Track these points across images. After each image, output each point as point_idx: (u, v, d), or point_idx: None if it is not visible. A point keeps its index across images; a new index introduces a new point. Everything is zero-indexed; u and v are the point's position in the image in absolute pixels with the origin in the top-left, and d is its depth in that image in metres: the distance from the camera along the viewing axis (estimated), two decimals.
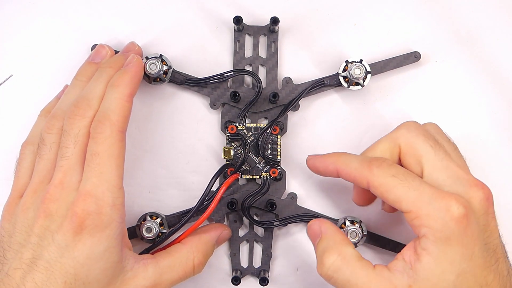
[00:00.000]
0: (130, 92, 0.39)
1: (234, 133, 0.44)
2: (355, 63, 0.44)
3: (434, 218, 0.34)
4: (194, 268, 0.40)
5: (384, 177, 0.36)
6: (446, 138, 0.40)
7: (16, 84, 0.46)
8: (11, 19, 0.46)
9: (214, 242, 0.42)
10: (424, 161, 0.37)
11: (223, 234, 0.43)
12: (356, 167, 0.38)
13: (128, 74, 0.40)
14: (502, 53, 0.46)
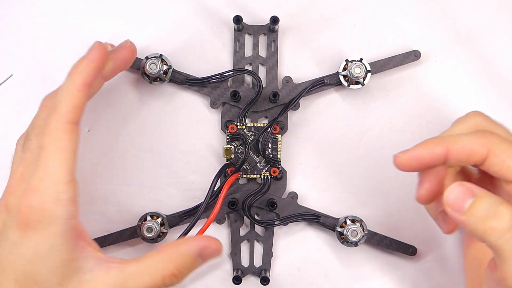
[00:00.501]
0: (83, 80, 0.36)
1: (235, 133, 0.44)
2: (355, 62, 0.44)
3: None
4: (164, 280, 0.34)
5: (505, 143, 0.32)
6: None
7: (16, 84, 0.46)
8: (11, 19, 0.46)
9: (193, 255, 0.35)
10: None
11: (208, 249, 0.36)
12: (470, 138, 0.33)
13: (83, 62, 0.37)
14: (502, 53, 0.46)
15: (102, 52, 0.37)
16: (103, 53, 0.37)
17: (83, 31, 0.46)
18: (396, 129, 0.46)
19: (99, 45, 0.37)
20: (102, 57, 0.37)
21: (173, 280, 0.35)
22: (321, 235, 0.46)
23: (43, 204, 0.33)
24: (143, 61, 0.44)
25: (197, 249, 0.36)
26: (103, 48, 0.37)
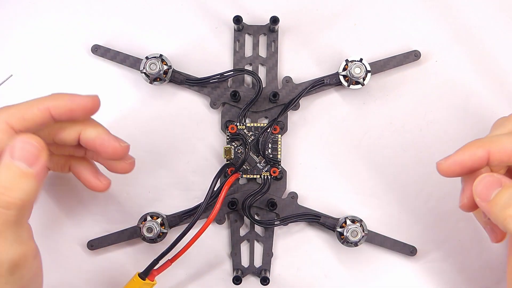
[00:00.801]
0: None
1: (235, 133, 0.44)
2: (355, 62, 0.44)
3: None
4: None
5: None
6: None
7: (16, 84, 0.46)
8: (11, 19, 0.46)
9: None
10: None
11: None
12: (510, 138, 0.33)
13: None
14: (502, 53, 0.46)
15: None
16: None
17: (83, 31, 0.46)
18: (396, 129, 0.46)
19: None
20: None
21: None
22: (321, 235, 0.46)
23: None
24: (143, 61, 0.44)
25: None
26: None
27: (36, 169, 0.33)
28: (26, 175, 0.32)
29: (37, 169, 0.33)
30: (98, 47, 0.45)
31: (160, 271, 0.41)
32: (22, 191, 0.32)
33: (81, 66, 0.46)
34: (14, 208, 0.32)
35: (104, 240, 0.45)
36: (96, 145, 0.38)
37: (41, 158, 0.33)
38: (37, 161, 0.33)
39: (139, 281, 0.41)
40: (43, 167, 0.33)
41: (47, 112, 0.36)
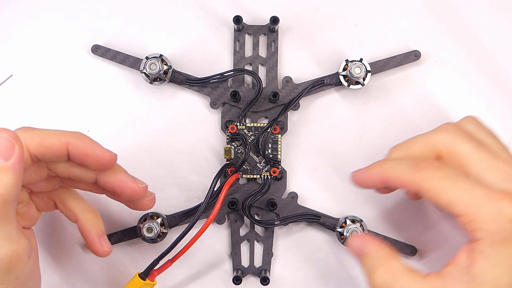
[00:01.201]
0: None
1: (235, 133, 0.44)
2: (355, 62, 0.44)
3: (490, 221, 0.33)
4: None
5: (434, 179, 0.35)
6: (486, 131, 0.39)
7: (16, 84, 0.46)
8: (11, 19, 0.46)
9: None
10: (469, 163, 0.36)
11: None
12: (404, 172, 0.36)
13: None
14: (502, 53, 0.46)
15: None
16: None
17: (83, 31, 0.46)
18: (396, 129, 0.46)
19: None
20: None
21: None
22: (321, 235, 0.46)
23: None
24: (143, 61, 0.44)
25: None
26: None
27: (11, 162, 0.32)
28: (2, 169, 0.32)
29: (13, 162, 0.32)
30: (98, 47, 0.45)
31: (160, 271, 0.41)
32: (2, 186, 0.32)
33: (81, 66, 0.46)
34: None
35: None
36: (114, 187, 0.38)
37: (15, 150, 0.32)
38: (12, 154, 0.32)
39: (139, 281, 0.41)
40: (19, 159, 0.32)
41: (65, 147, 0.36)
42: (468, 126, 0.39)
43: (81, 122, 0.46)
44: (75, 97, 0.46)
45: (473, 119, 0.39)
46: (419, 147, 0.38)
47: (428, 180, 0.35)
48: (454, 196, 0.34)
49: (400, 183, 0.36)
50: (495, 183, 0.35)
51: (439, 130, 0.38)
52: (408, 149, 0.38)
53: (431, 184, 0.35)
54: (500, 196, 0.34)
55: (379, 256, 0.37)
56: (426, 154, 0.38)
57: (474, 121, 0.39)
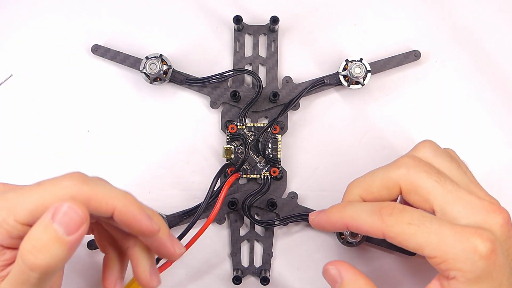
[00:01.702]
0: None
1: (235, 133, 0.44)
2: (355, 62, 0.44)
3: (462, 260, 0.33)
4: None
5: (399, 225, 0.34)
6: (443, 155, 0.38)
7: (16, 84, 0.46)
8: (11, 19, 0.46)
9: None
10: (433, 198, 0.35)
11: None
12: (367, 220, 0.35)
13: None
14: (502, 53, 0.46)
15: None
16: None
17: (83, 31, 0.46)
18: (396, 129, 0.46)
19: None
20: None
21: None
22: (321, 235, 0.46)
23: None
24: (143, 61, 0.44)
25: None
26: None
27: (72, 238, 0.31)
28: (61, 241, 0.30)
29: (74, 239, 0.31)
30: (98, 47, 0.45)
31: (160, 271, 0.41)
32: (52, 257, 0.30)
33: (81, 66, 0.46)
34: (38, 272, 0.31)
35: None
36: (151, 246, 0.36)
37: (81, 228, 0.31)
38: (77, 230, 0.31)
39: None
40: (80, 238, 0.31)
41: (111, 211, 0.33)
42: (425, 153, 0.38)
43: (81, 122, 0.46)
44: (75, 97, 0.46)
45: (430, 144, 0.38)
46: (379, 184, 0.37)
47: (392, 227, 0.34)
48: (422, 240, 0.33)
49: (363, 230, 0.36)
50: (461, 216, 0.34)
51: (398, 164, 0.36)
52: (369, 186, 0.37)
53: (397, 230, 0.34)
54: (469, 233, 0.33)
55: (357, 286, 0.36)
56: (387, 191, 0.37)
57: (431, 146, 0.38)
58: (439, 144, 0.39)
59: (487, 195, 0.36)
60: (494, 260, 0.33)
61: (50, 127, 0.46)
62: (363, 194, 0.38)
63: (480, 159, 0.45)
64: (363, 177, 0.38)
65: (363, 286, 0.36)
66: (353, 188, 0.38)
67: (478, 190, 0.36)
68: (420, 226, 0.34)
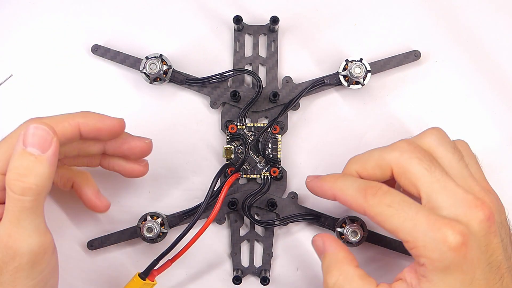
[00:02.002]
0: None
1: (235, 133, 0.44)
2: (355, 62, 0.44)
3: (431, 249, 0.34)
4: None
5: (379, 206, 0.35)
6: (448, 145, 0.38)
7: (16, 84, 0.46)
8: (11, 19, 0.46)
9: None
10: (420, 184, 0.36)
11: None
12: (352, 195, 0.37)
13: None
14: (502, 53, 0.46)
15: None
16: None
17: (83, 31, 0.46)
18: (396, 129, 0.46)
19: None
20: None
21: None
22: None
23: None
24: (143, 61, 0.44)
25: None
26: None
27: (49, 154, 0.33)
28: (40, 160, 0.33)
29: (50, 154, 0.33)
30: (98, 47, 0.45)
31: (160, 271, 0.41)
32: (38, 177, 0.33)
33: (81, 66, 0.46)
34: (30, 194, 0.33)
35: (104, 240, 0.45)
36: (123, 150, 0.40)
37: (53, 142, 0.34)
38: (50, 146, 0.33)
39: (139, 281, 0.41)
40: (55, 152, 0.34)
41: (77, 128, 0.37)
42: (428, 140, 0.38)
43: None
44: (75, 97, 0.46)
45: (437, 132, 0.38)
46: (373, 163, 0.38)
47: (373, 206, 0.36)
48: (397, 223, 0.35)
49: (348, 204, 0.38)
50: (444, 206, 0.35)
51: (393, 147, 0.37)
52: (365, 164, 0.39)
53: (376, 210, 0.36)
54: (442, 224, 0.34)
55: (336, 258, 0.38)
56: (380, 171, 0.38)
57: (437, 134, 0.38)
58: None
59: (482, 191, 0.36)
60: (464, 253, 0.33)
61: None
62: (359, 170, 0.39)
63: (480, 159, 0.45)
64: (362, 154, 0.39)
65: (343, 259, 0.38)
66: (351, 163, 0.40)
67: (475, 185, 0.37)
68: (398, 210, 0.35)
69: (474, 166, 0.39)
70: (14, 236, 0.33)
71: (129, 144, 0.40)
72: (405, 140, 0.38)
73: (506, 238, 0.36)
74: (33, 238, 0.34)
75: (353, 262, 0.38)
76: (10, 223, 0.34)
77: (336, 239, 0.39)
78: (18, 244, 0.34)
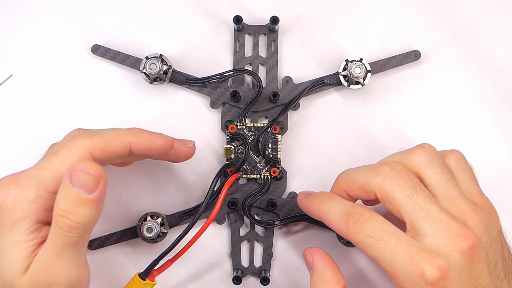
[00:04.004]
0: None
1: (235, 133, 0.44)
2: (355, 62, 0.44)
3: (409, 281, 0.34)
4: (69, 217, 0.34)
5: (360, 235, 0.36)
6: (438, 164, 0.37)
7: (16, 84, 0.46)
8: (11, 19, 0.46)
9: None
10: (403, 211, 0.36)
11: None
12: (335, 220, 0.37)
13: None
14: (502, 53, 0.46)
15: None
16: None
17: (83, 31, 0.46)
18: (396, 129, 0.46)
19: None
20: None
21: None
22: (321, 235, 0.46)
23: (16, 205, 0.35)
24: (143, 61, 0.44)
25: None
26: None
27: (95, 196, 0.33)
28: (85, 201, 0.33)
29: (97, 196, 0.33)
30: (98, 47, 0.45)
31: (160, 271, 0.41)
32: (83, 216, 0.33)
33: (81, 66, 0.46)
34: (76, 232, 0.33)
35: (105, 240, 0.45)
36: (168, 157, 0.40)
37: (99, 185, 0.34)
38: (96, 187, 0.34)
39: (139, 281, 0.41)
40: (102, 194, 0.34)
41: (128, 147, 0.37)
42: (415, 160, 0.37)
43: (81, 122, 0.46)
44: (75, 97, 0.46)
45: (425, 150, 0.38)
46: (358, 186, 0.38)
47: (354, 234, 0.36)
48: (377, 253, 0.35)
49: (333, 228, 0.38)
50: (427, 234, 0.35)
51: (377, 172, 0.37)
52: (351, 184, 0.39)
53: (358, 238, 0.36)
54: (420, 258, 0.34)
55: (323, 278, 0.38)
56: (365, 193, 0.38)
57: (426, 153, 0.37)
58: (439, 144, 0.39)
59: (472, 211, 0.36)
60: (443, 286, 0.34)
61: (50, 127, 0.46)
62: (346, 189, 0.39)
63: (480, 159, 0.45)
64: (350, 172, 0.39)
65: (329, 278, 0.38)
66: (339, 181, 0.40)
67: (464, 205, 0.36)
68: (378, 240, 0.35)
69: (467, 180, 0.38)
70: (54, 266, 0.34)
71: (173, 150, 0.40)
72: (389, 163, 0.37)
73: (496, 256, 0.36)
74: (72, 270, 0.34)
75: (340, 282, 0.38)
76: (52, 253, 0.34)
77: (325, 256, 0.39)
78: (56, 274, 0.34)
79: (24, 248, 0.34)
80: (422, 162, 0.37)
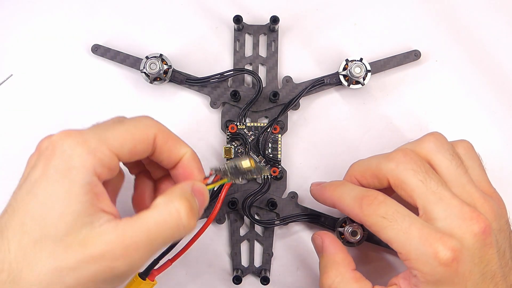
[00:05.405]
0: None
1: (235, 133, 0.44)
2: (355, 61, 0.44)
3: (423, 263, 0.34)
4: (182, 219, 0.33)
5: (374, 217, 0.36)
6: (447, 151, 0.38)
7: (16, 84, 0.46)
8: (11, 19, 0.46)
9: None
10: (416, 196, 0.36)
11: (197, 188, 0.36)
12: (349, 204, 0.38)
13: None
14: (502, 53, 0.46)
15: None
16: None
17: (83, 31, 0.46)
18: (396, 129, 0.46)
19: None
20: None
21: (189, 220, 0.34)
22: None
23: (74, 151, 0.32)
24: (143, 60, 0.44)
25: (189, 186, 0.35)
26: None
27: (201, 213, 0.35)
28: (197, 213, 0.34)
29: (200, 214, 0.35)
30: (98, 47, 0.45)
31: (161, 271, 0.41)
32: (195, 223, 0.34)
33: (81, 66, 0.46)
34: (186, 231, 0.34)
35: None
36: (179, 178, 0.38)
37: (203, 208, 0.35)
38: (202, 209, 0.35)
39: (139, 281, 0.41)
40: (202, 211, 0.35)
41: (152, 141, 0.35)
42: (426, 146, 0.38)
43: (80, 122, 0.45)
44: (75, 97, 0.46)
45: (436, 137, 0.38)
46: (371, 173, 0.39)
47: (368, 216, 0.36)
48: (391, 235, 0.35)
49: (346, 212, 0.38)
50: (439, 218, 0.35)
51: (390, 157, 0.38)
52: (363, 173, 0.39)
53: (371, 221, 0.36)
54: (434, 239, 0.34)
55: (334, 260, 0.39)
56: (377, 180, 0.38)
57: (436, 140, 0.38)
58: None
59: (481, 197, 0.36)
60: (455, 268, 0.34)
61: (50, 127, 0.45)
62: (359, 177, 0.40)
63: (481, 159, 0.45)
64: (363, 161, 0.40)
65: (339, 260, 0.38)
66: (352, 170, 0.40)
67: (474, 191, 0.37)
68: (392, 222, 0.35)
69: (476, 169, 0.39)
70: (136, 249, 0.32)
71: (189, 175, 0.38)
72: (402, 149, 0.38)
73: (504, 244, 0.36)
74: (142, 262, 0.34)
75: (350, 264, 0.38)
76: (140, 232, 0.32)
77: (335, 239, 0.40)
78: (134, 257, 0.33)
79: (79, 202, 0.31)
80: (432, 148, 0.38)
